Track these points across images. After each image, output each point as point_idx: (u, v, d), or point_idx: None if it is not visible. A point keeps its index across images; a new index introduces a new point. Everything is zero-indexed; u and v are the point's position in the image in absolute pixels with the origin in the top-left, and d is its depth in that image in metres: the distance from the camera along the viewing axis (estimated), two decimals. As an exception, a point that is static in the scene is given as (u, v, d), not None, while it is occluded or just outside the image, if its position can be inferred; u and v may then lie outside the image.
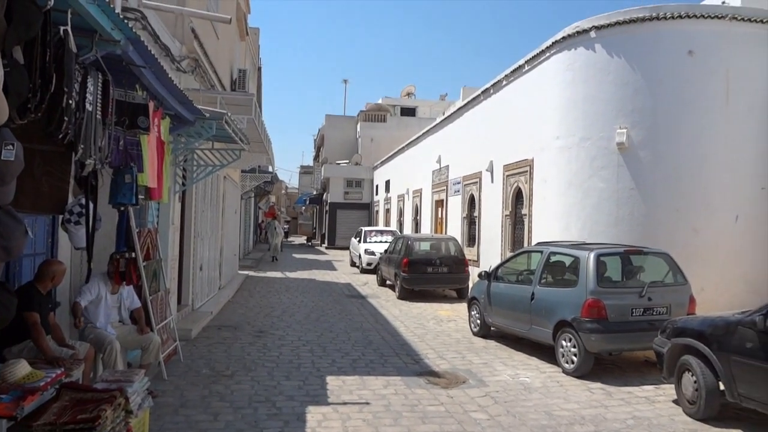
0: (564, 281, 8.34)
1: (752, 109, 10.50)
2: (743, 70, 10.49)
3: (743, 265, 10.31)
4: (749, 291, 9.84)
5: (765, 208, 10.49)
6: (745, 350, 5.49)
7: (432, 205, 22.31)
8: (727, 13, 10.59)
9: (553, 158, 11.95)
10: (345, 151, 41.31)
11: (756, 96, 10.53)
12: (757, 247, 10.44)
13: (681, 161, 10.38)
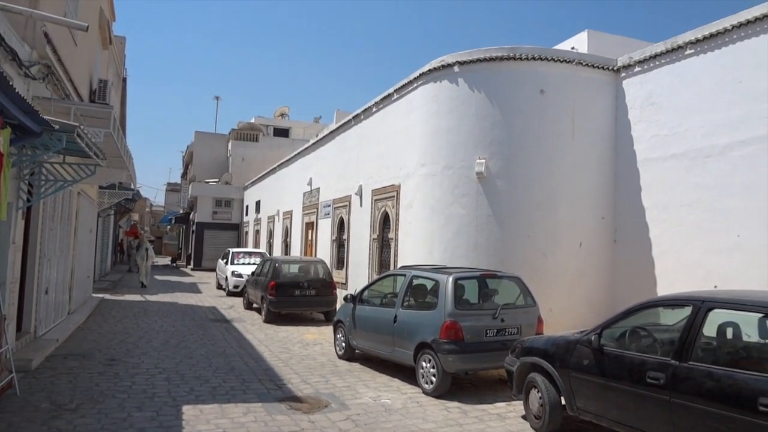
0: (425, 304, 8.62)
1: (594, 145, 11.57)
2: (588, 110, 11.56)
3: (586, 288, 11.25)
4: (592, 312, 10.73)
5: (605, 235, 11.55)
6: (583, 367, 5.97)
7: (302, 228, 22.23)
8: (575, 58, 11.64)
9: (419, 185, 12.40)
10: (215, 169, 40.13)
11: (598, 134, 11.62)
12: (599, 271, 11.45)
13: (533, 191, 11.18)
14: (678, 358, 5.06)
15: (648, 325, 5.95)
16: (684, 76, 10.25)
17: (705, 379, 4.82)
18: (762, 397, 4.39)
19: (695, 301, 5.23)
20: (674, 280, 9.92)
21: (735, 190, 9.16)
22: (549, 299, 10.58)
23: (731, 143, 9.27)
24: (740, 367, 4.86)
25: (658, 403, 5.14)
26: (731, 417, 4.58)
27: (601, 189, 11.60)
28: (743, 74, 9.21)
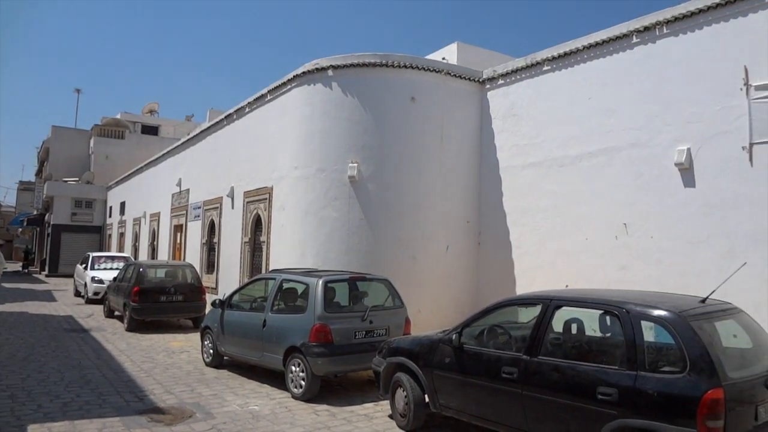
0: (295, 308, 8.56)
1: (461, 152, 12.10)
2: (456, 119, 12.06)
3: (453, 289, 11.73)
4: (458, 311, 11.19)
5: (470, 239, 12.11)
6: (444, 365, 6.21)
7: (171, 230, 21.27)
8: (444, 68, 12.10)
9: (292, 187, 12.31)
10: (75, 167, 37.32)
11: (465, 142, 12.17)
12: (464, 272, 11.98)
13: (403, 195, 11.47)
14: (529, 354, 5.42)
15: (504, 323, 6.31)
16: (542, 91, 11.00)
17: (552, 372, 5.19)
18: (600, 386, 4.80)
19: (544, 299, 5.63)
20: (532, 280, 10.61)
21: (584, 197, 9.98)
22: (418, 300, 10.90)
23: (581, 154, 10.08)
24: (583, 360, 5.30)
25: (511, 396, 5.46)
26: (574, 406, 4.97)
27: (467, 194, 12.15)
28: (593, 91, 10.05)
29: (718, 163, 8.26)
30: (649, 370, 4.64)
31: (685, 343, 4.51)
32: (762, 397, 4.66)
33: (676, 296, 5.60)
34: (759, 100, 7.88)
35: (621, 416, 4.63)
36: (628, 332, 4.82)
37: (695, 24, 8.72)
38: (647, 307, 4.87)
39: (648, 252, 8.95)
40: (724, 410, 4.28)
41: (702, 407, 4.27)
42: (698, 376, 4.38)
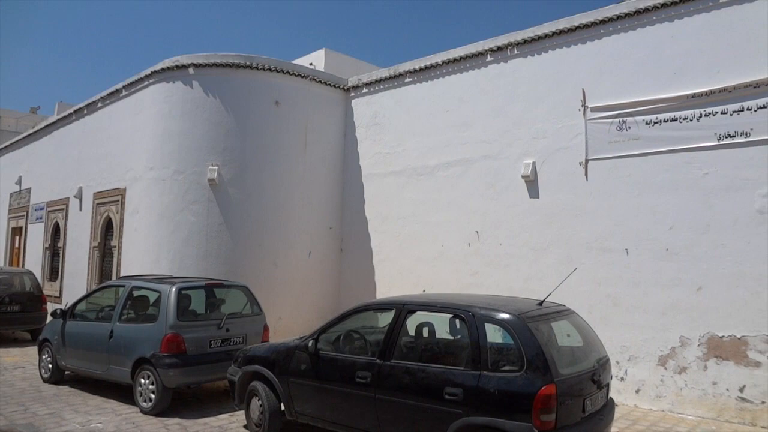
0: (146, 317, 8.10)
1: (325, 159, 12.14)
2: (320, 125, 12.09)
3: (315, 295, 11.71)
4: (319, 318, 11.15)
5: (332, 245, 12.17)
6: (300, 372, 6.17)
7: (8, 233, 19.32)
8: (309, 73, 12.09)
9: (147, 189, 11.67)
10: None
11: (329, 148, 12.23)
12: (326, 279, 12.01)
13: (265, 200, 11.29)
14: (382, 357, 5.53)
15: (360, 328, 6.39)
16: (403, 101, 11.34)
17: (404, 374, 5.33)
18: (447, 386, 5.00)
19: (397, 304, 5.78)
20: (392, 285, 10.88)
21: (441, 205, 10.41)
22: (279, 307, 10.77)
23: (439, 164, 10.52)
24: (433, 362, 5.50)
25: (365, 400, 5.54)
26: (423, 407, 5.14)
27: (330, 200, 12.21)
28: (450, 105, 10.53)
29: (558, 177, 8.99)
30: (491, 370, 4.90)
31: (523, 343, 4.83)
32: (589, 390, 5.10)
33: (518, 299, 5.99)
34: (594, 120, 8.67)
35: (466, 415, 4.85)
36: (473, 334, 5.08)
37: (542, 47, 9.44)
38: (491, 311, 5.16)
39: (497, 258, 9.52)
40: (556, 404, 4.63)
41: (537, 402, 4.59)
42: (534, 374, 4.69)
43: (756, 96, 7.38)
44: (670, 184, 7.94)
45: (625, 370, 8.12)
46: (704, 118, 7.73)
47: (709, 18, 7.89)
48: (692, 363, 7.63)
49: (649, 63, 8.32)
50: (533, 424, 4.56)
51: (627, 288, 8.18)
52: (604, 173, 8.54)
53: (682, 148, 7.86)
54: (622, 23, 8.64)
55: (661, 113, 8.07)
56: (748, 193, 7.38)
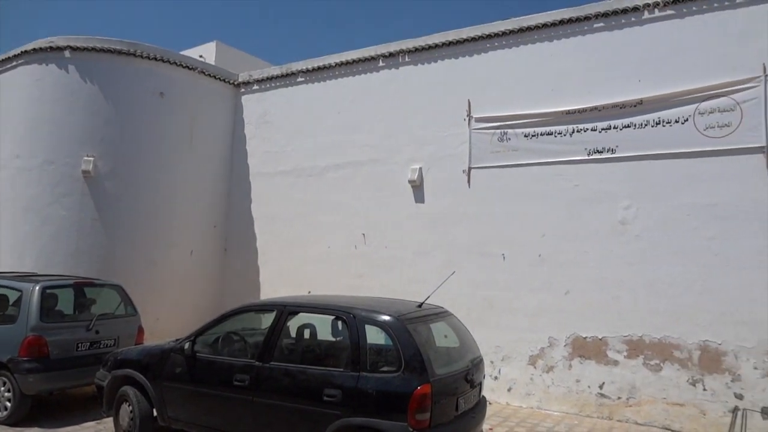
0: (4, 317, 7.44)
1: (212, 155, 11.76)
2: (208, 120, 11.69)
3: (196, 296, 11.29)
4: (199, 319, 10.73)
5: (216, 244, 11.80)
6: (175, 375, 5.93)
7: None
8: (198, 66, 11.67)
9: (11, 179, 10.73)
10: None
11: (216, 144, 11.86)
12: (209, 279, 11.62)
13: (146, 196, 10.73)
14: (261, 360, 5.44)
15: (240, 330, 6.26)
16: (295, 101, 11.24)
17: (283, 376, 5.28)
18: (327, 388, 5.01)
19: (279, 305, 5.72)
20: (277, 286, 10.72)
21: (329, 207, 10.42)
22: (157, 308, 10.29)
23: (329, 166, 10.52)
24: (313, 364, 5.50)
25: (243, 403, 5.43)
26: (302, 409, 5.12)
27: (216, 198, 11.84)
28: (342, 107, 10.57)
29: (443, 183, 9.29)
30: (370, 371, 4.98)
31: (401, 345, 4.93)
32: (463, 389, 5.31)
33: (399, 301, 6.11)
34: (478, 130, 9.04)
35: (344, 416, 4.89)
36: (353, 336, 5.13)
37: (432, 57, 9.71)
38: (371, 312, 5.23)
39: (382, 260, 9.67)
40: (431, 403, 4.77)
41: (413, 402, 4.71)
42: (411, 374, 4.81)
43: (622, 116, 8.02)
44: (543, 194, 8.45)
45: (498, 370, 8.53)
46: (576, 134, 8.29)
47: (583, 40, 8.48)
48: (559, 362, 8.14)
49: (530, 79, 8.80)
50: (408, 424, 4.67)
51: (502, 291, 8.60)
52: (486, 181, 8.93)
53: (556, 160, 8.39)
54: (507, 39, 9.08)
55: (538, 127, 8.57)
56: (612, 205, 8.00)
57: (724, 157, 7.41)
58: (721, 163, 7.43)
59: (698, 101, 7.57)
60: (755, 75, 7.30)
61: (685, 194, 7.59)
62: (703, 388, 7.27)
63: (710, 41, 7.65)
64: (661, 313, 7.57)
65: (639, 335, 7.67)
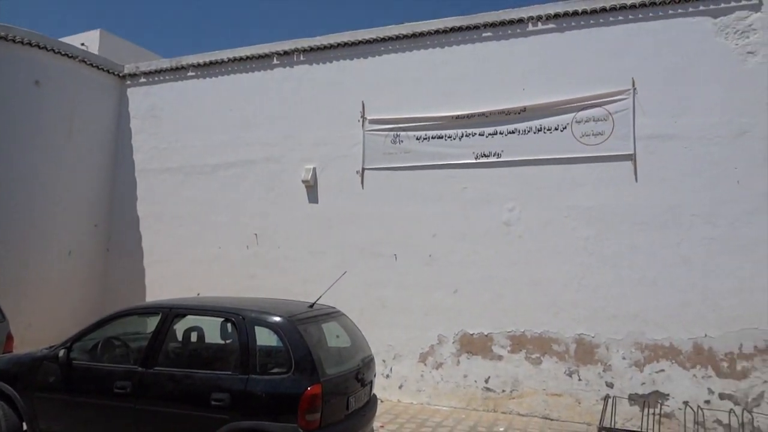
0: None
1: (93, 150, 11.08)
2: (90, 112, 10.99)
3: (73, 300, 10.57)
4: (76, 325, 10.05)
5: (98, 244, 11.12)
6: (49, 385, 5.53)
7: None
8: (79, 54, 10.96)
9: None
10: None
11: (99, 138, 11.18)
12: (89, 281, 10.93)
13: (16, 192, 9.88)
14: (144, 365, 5.20)
15: (122, 334, 5.94)
16: (186, 96, 10.83)
17: (168, 382, 5.08)
18: (214, 392, 4.87)
19: (164, 308, 5.49)
20: (164, 289, 10.25)
21: (220, 206, 10.14)
22: (29, 313, 9.56)
23: (220, 164, 10.25)
24: (201, 368, 5.33)
25: (124, 412, 5.16)
26: (188, 415, 4.94)
27: (98, 195, 11.16)
28: (235, 104, 10.32)
29: (337, 184, 9.32)
30: (260, 373, 4.90)
31: (291, 345, 4.89)
32: (354, 388, 5.35)
33: (290, 302, 6.06)
34: (372, 132, 9.16)
35: (232, 420, 4.77)
36: (243, 338, 5.02)
37: (327, 57, 9.71)
38: (261, 313, 5.15)
39: (275, 261, 9.55)
40: (321, 403, 4.77)
41: (303, 403, 4.68)
42: (301, 375, 4.79)
43: (507, 122, 8.42)
44: (434, 195, 8.70)
45: (390, 368, 8.67)
46: (465, 138, 8.61)
47: (473, 48, 8.81)
48: (447, 359, 8.41)
49: (422, 83, 9.02)
50: (298, 425, 4.65)
51: (395, 291, 8.76)
52: (379, 182, 9.06)
53: (446, 163, 8.67)
54: (401, 43, 9.26)
55: (430, 130, 8.81)
56: (498, 207, 8.37)
57: (598, 163, 7.98)
58: (595, 168, 7.99)
59: (575, 110, 8.10)
60: (625, 88, 7.92)
61: (564, 197, 8.09)
62: (578, 378, 7.78)
63: (587, 55, 8.21)
64: (541, 309, 8.02)
65: (521, 331, 8.09)
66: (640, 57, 7.96)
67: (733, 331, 7.27)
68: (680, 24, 7.90)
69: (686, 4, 7.87)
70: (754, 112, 7.44)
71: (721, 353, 7.29)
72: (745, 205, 7.37)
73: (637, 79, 7.90)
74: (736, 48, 7.64)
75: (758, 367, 7.15)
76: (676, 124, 7.71)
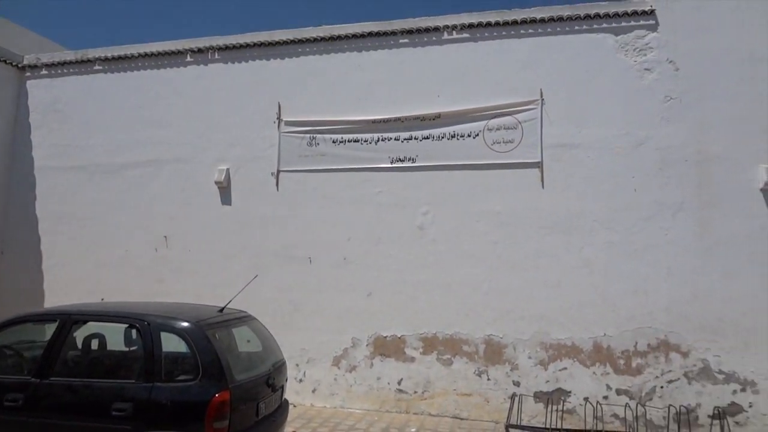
0: None
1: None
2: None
3: (-37, 305, 9.84)
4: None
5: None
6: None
7: None
8: (-29, 42, 10.22)
9: None
10: None
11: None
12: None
13: None
14: (40, 376, 4.91)
15: (16, 343, 5.58)
16: (91, 91, 10.31)
17: (65, 393, 4.82)
18: (116, 401, 4.67)
19: (62, 315, 5.21)
20: (66, 294, 9.67)
21: (127, 207, 9.71)
22: None
23: (128, 163, 9.82)
24: (102, 377, 5.09)
25: (15, 426, 4.85)
26: (87, 426, 4.71)
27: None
28: (145, 101, 9.93)
29: (251, 185, 9.16)
30: (165, 381, 4.73)
31: (199, 351, 4.77)
32: (264, 394, 5.28)
33: (199, 306, 5.89)
34: (287, 133, 9.07)
35: (135, 430, 4.59)
36: (147, 344, 4.84)
37: (242, 56, 9.53)
38: (168, 319, 4.99)
39: (186, 264, 9.26)
40: (230, 410, 4.67)
41: (210, 410, 4.57)
42: (209, 381, 4.67)
43: (422, 128, 8.57)
44: (350, 198, 8.72)
45: (303, 372, 8.61)
46: (381, 142, 8.69)
47: (389, 54, 8.91)
48: (361, 361, 8.45)
49: (339, 86, 9.02)
50: (205, 433, 4.53)
51: (309, 294, 8.70)
52: (294, 185, 8.98)
53: (362, 167, 8.72)
54: (319, 46, 9.22)
55: (346, 134, 8.83)
56: (412, 211, 8.50)
57: (508, 170, 8.27)
58: (505, 175, 8.27)
59: (488, 118, 8.36)
60: (534, 98, 8.25)
61: (475, 202, 8.32)
62: (487, 378, 8.02)
63: (499, 65, 8.49)
64: (453, 311, 8.21)
65: (433, 332, 8.25)
66: (548, 69, 8.32)
67: (629, 330, 7.73)
68: (585, 40, 8.32)
69: (591, 21, 8.29)
70: (649, 125, 7.95)
71: (618, 351, 7.73)
72: (641, 212, 7.86)
73: (545, 91, 8.25)
74: (635, 65, 8.14)
75: (651, 364, 7.64)
76: (580, 134, 8.11)
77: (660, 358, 7.63)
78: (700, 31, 7.99)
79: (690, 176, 7.80)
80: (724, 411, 7.13)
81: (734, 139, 7.73)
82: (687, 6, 8.09)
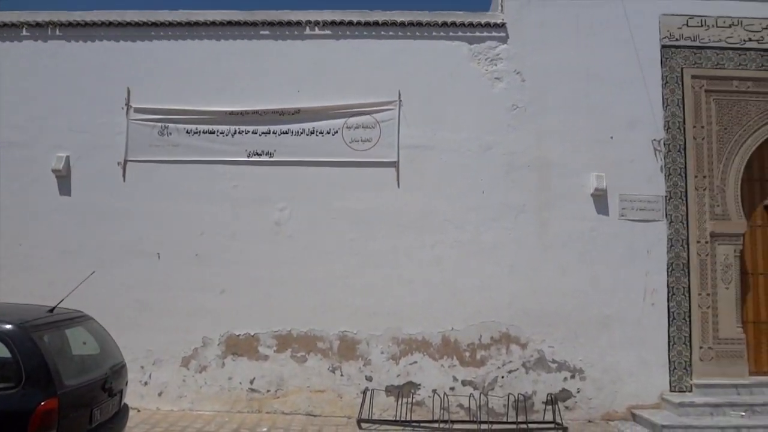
0: None
1: None
2: None
3: None
4: None
5: None
6: None
7: None
8: None
9: None
10: None
11: None
12: None
13: None
14: None
15: None
16: None
17: None
18: None
19: None
20: None
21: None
22: None
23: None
24: None
25: None
26: None
27: None
28: (-29, 76, 8.85)
29: (95, 175, 8.50)
30: (-18, 390, 4.26)
31: (22, 356, 4.35)
32: (99, 399, 4.94)
33: (26, 307, 5.38)
34: (137, 121, 8.54)
35: (-58, 448, 4.10)
36: (-39, 349, 4.33)
37: (89, 35, 8.82)
38: (-14, 321, 4.50)
39: (15, 260, 8.37)
40: (57, 419, 4.31)
41: (34, 419, 4.20)
42: (34, 389, 4.29)
43: (281, 122, 8.46)
44: (203, 192, 8.38)
45: (149, 374, 8.14)
46: (238, 135, 8.45)
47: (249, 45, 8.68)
48: (212, 361, 8.16)
49: (196, 74, 8.63)
50: (29, 445, 4.14)
51: (157, 292, 8.24)
52: (143, 176, 8.47)
53: (217, 160, 8.41)
54: (174, 30, 8.77)
55: (201, 125, 8.47)
56: (269, 207, 8.36)
57: (365, 168, 8.40)
58: (363, 173, 8.40)
59: (347, 116, 8.43)
60: (392, 99, 8.45)
61: (333, 199, 8.35)
62: (341, 374, 8.10)
63: (360, 64, 8.58)
64: (308, 308, 8.18)
65: (288, 330, 8.17)
66: (406, 72, 8.55)
67: (474, 324, 8.16)
68: (442, 46, 8.65)
69: (447, 28, 8.64)
70: (497, 131, 8.45)
71: (464, 344, 8.14)
72: (488, 212, 8.33)
73: (403, 92, 8.47)
74: (486, 73, 8.60)
75: (493, 355, 8.12)
76: (434, 137, 8.43)
77: (502, 350, 8.14)
78: (544, 47, 8.61)
79: (531, 180, 8.40)
80: (556, 397, 7.79)
81: (570, 148, 8.44)
82: (533, 22, 8.68)
